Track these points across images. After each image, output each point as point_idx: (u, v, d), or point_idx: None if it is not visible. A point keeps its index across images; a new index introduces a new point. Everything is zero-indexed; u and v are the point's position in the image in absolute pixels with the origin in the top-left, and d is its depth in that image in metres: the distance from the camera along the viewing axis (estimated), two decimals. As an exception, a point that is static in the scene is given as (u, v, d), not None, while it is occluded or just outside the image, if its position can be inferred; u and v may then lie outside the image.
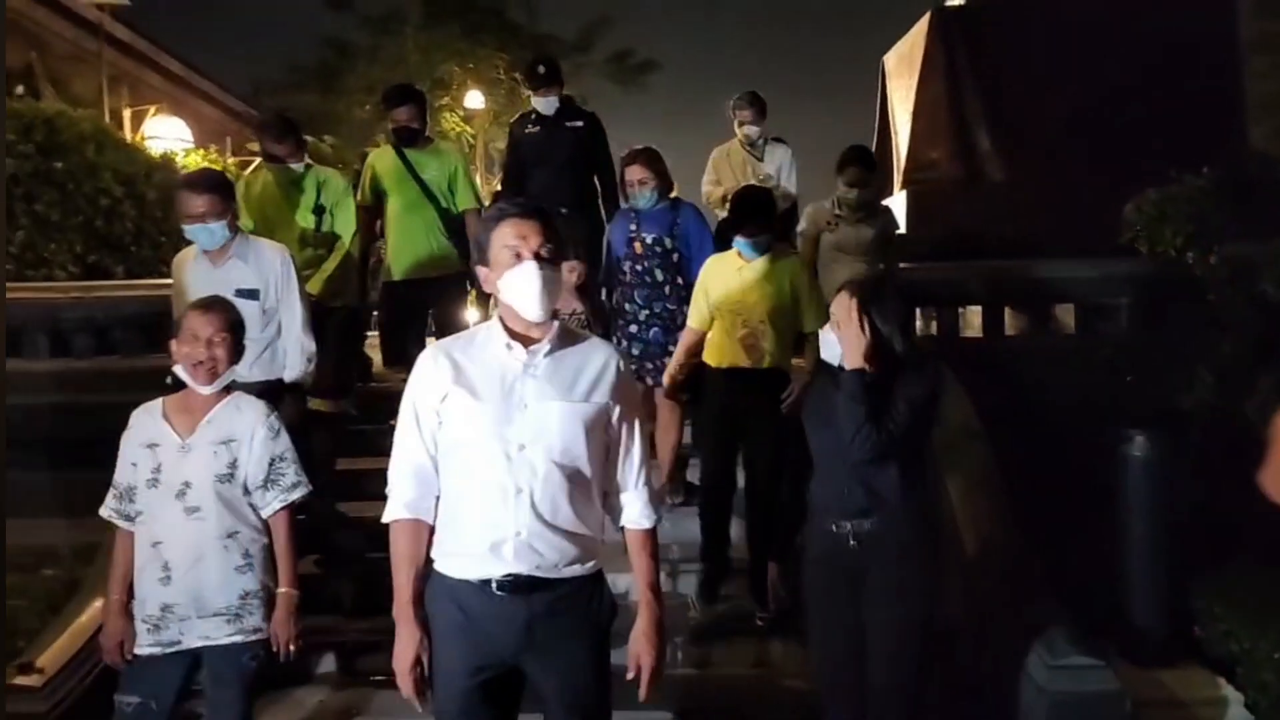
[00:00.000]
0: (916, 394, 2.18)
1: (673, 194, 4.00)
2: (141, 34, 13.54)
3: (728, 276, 3.32)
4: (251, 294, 3.09)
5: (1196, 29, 8.26)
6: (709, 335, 3.37)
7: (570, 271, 3.36)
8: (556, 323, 1.89)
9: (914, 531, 2.24)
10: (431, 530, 1.85)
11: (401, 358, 4.21)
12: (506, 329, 1.83)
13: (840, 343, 2.20)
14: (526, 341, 1.82)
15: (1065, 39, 8.04)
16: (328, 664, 3.20)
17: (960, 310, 4.69)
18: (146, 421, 2.38)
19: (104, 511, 2.39)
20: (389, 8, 18.27)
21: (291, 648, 2.36)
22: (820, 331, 2.39)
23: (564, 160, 4.45)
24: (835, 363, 2.26)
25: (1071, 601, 2.82)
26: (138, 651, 2.32)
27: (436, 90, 17.91)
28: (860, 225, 4.14)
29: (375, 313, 5.51)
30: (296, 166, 4.07)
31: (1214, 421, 3.31)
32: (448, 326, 4.24)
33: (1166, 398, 3.40)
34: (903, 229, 7.51)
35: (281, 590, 2.37)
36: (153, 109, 9.91)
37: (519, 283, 1.76)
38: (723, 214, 4.98)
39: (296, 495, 2.39)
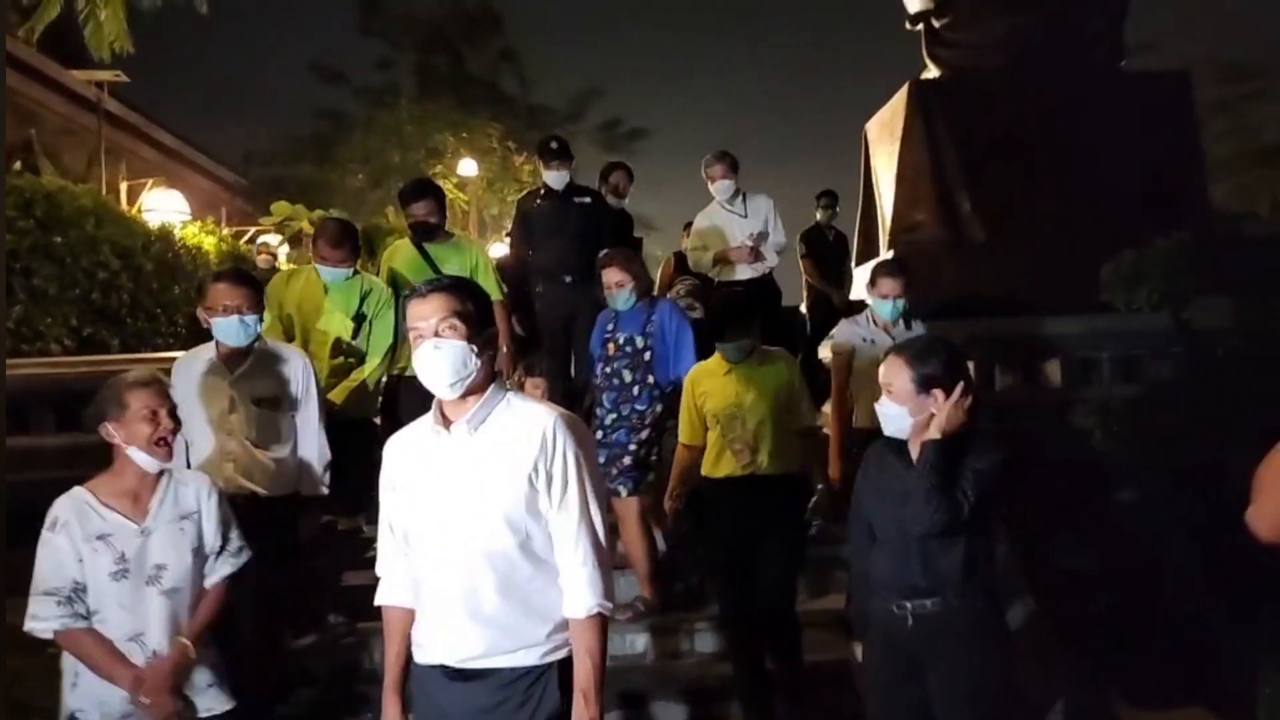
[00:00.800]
0: (986, 464, 2.07)
1: (653, 292, 4.02)
2: (134, 107, 13.87)
3: (716, 383, 3.28)
4: (273, 403, 3.03)
5: (1156, 95, 8.71)
6: (706, 448, 3.28)
7: (535, 389, 3.40)
8: (486, 393, 1.80)
9: (978, 613, 2.14)
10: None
11: None
12: (440, 411, 1.82)
13: (908, 413, 2.09)
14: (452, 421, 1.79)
15: (1034, 107, 8.43)
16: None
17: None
18: (84, 514, 2.26)
19: (43, 625, 2.19)
20: (384, 81, 18.86)
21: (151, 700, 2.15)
22: (877, 406, 2.25)
23: (573, 233, 4.63)
24: (899, 434, 2.17)
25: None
26: None
27: (430, 159, 18.41)
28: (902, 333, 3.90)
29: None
30: (345, 272, 3.98)
31: (1206, 470, 3.40)
32: None
33: (1155, 445, 3.51)
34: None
35: (181, 638, 2.25)
36: (150, 183, 10.11)
37: (421, 364, 1.76)
38: (716, 276, 5.12)
39: (242, 559, 2.38)
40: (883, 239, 9.06)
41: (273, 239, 7.50)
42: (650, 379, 3.62)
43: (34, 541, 2.27)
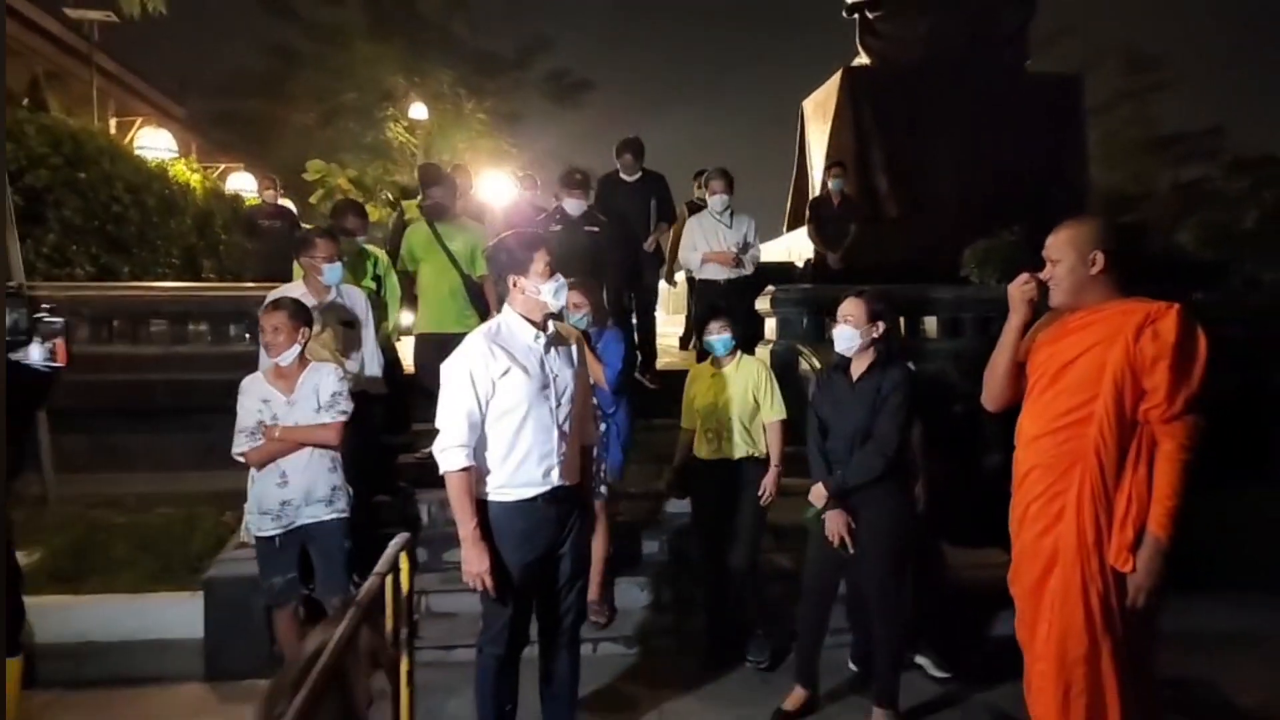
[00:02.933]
0: (902, 379, 3.18)
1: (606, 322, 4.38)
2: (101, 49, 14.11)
3: (704, 383, 3.90)
4: (349, 324, 4.15)
5: (1053, 94, 10.28)
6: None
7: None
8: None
9: (893, 477, 3.21)
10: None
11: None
12: (529, 321, 2.73)
13: (859, 335, 3.12)
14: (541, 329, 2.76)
15: (948, 100, 9.90)
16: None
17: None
18: (258, 386, 3.45)
19: (238, 449, 3.38)
20: (334, 18, 18.98)
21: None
22: (838, 331, 3.23)
23: (575, 259, 5.47)
24: (848, 352, 3.20)
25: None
26: (261, 534, 3.39)
27: (383, 101, 18.86)
28: None
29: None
30: (362, 240, 4.89)
31: None
32: None
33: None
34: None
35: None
36: (139, 121, 10.67)
37: (554, 288, 2.71)
38: (699, 276, 6.04)
39: (341, 412, 3.45)
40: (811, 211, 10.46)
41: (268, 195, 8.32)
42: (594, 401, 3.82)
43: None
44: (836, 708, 3.45)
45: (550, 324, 2.83)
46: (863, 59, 10.89)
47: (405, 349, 5.45)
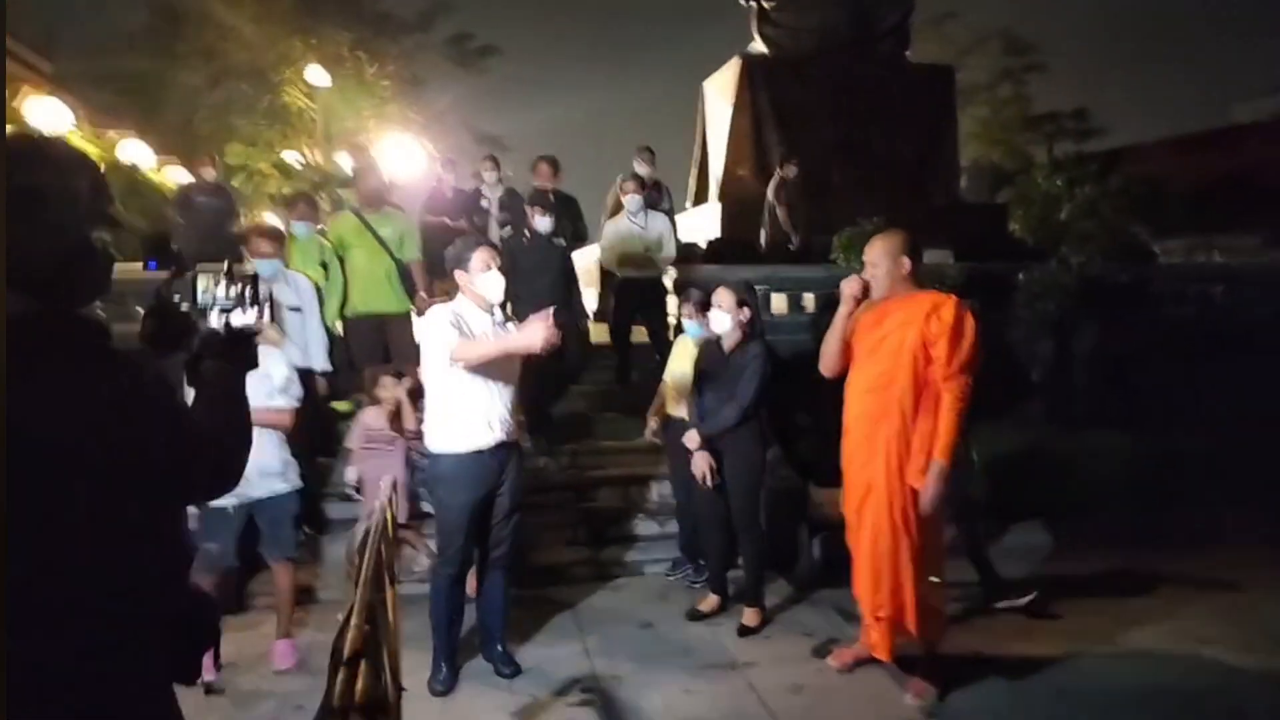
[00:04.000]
0: (760, 352, 4.11)
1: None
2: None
3: (681, 358, 4.64)
4: (295, 308, 4.82)
5: (927, 84, 11.50)
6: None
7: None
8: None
9: (750, 428, 4.15)
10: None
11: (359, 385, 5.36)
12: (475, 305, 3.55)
13: (730, 319, 4.02)
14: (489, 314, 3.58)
15: (836, 88, 10.97)
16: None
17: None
18: None
19: None
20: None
21: None
22: (712, 314, 4.15)
23: (550, 271, 5.81)
24: (722, 332, 4.11)
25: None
26: (214, 505, 3.65)
27: (280, 65, 18.67)
28: None
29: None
30: (311, 228, 5.62)
31: None
32: (402, 353, 5.36)
33: None
34: (719, 233, 10.20)
35: None
36: (23, 89, 10.53)
37: (489, 282, 3.50)
38: (619, 274, 6.60)
39: (296, 393, 3.92)
40: (713, 189, 11.43)
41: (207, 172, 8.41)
42: None
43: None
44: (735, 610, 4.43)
45: (496, 310, 3.62)
46: (758, 46, 11.82)
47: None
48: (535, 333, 3.24)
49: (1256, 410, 6.15)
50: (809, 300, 7.15)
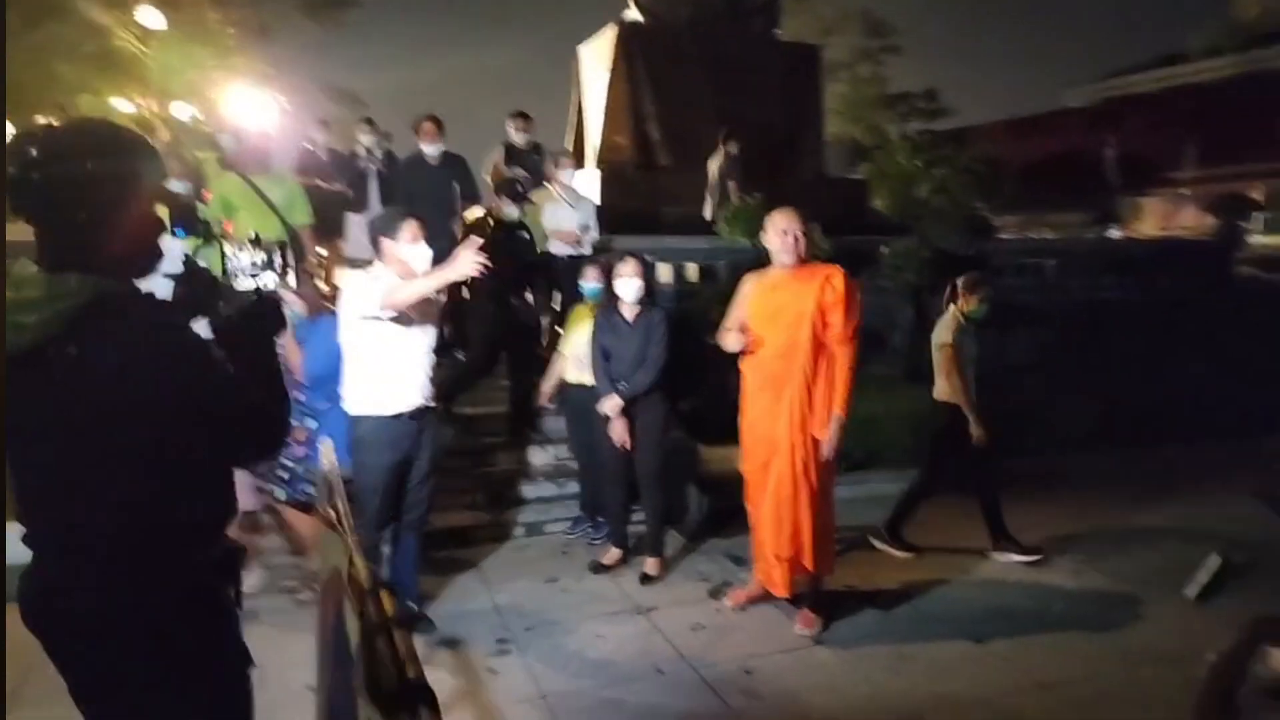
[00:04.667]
0: (663, 317, 4.41)
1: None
2: None
3: (581, 329, 4.86)
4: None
5: (794, 62, 12.10)
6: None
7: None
8: None
9: (658, 390, 4.44)
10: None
11: None
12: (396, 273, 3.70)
13: (634, 289, 4.30)
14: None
15: (709, 59, 11.37)
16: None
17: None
18: None
19: None
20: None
21: None
22: (621, 282, 4.39)
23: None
24: (629, 299, 4.35)
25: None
26: None
27: (108, 7, 17.18)
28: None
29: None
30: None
31: None
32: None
33: None
34: (598, 201, 10.40)
35: None
36: None
37: (416, 253, 3.66)
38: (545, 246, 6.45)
39: None
40: (590, 156, 11.63)
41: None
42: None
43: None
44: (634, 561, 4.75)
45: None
46: (633, 13, 12.03)
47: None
48: (465, 261, 3.32)
49: (1084, 367, 7.09)
50: (691, 270, 7.54)
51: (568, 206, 6.63)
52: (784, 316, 3.75)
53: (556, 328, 5.48)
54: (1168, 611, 4.10)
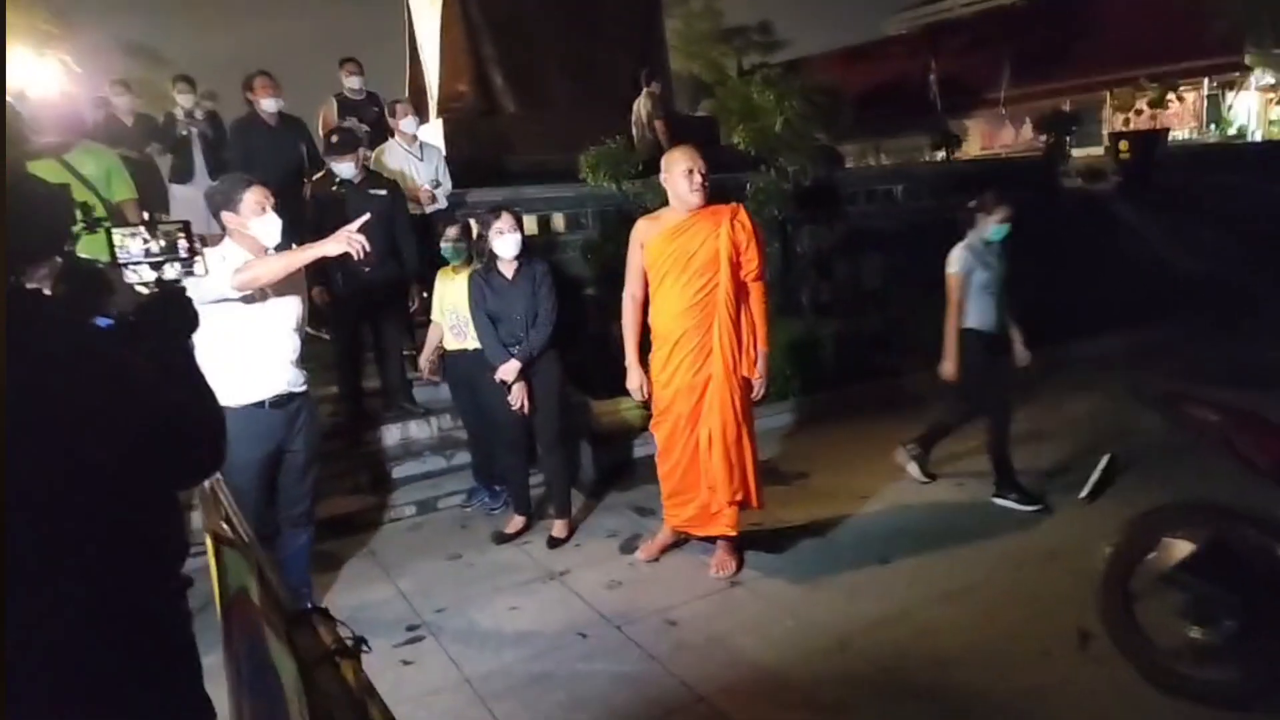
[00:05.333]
0: (547, 269, 4.22)
1: None
2: None
3: (452, 293, 4.60)
4: None
5: None
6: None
7: None
8: None
9: (552, 350, 4.27)
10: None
11: None
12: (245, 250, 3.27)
13: (513, 245, 4.06)
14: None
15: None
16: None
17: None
18: None
19: None
20: None
21: None
22: (499, 240, 4.11)
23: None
24: (512, 257, 4.10)
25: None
26: None
27: None
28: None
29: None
30: None
31: None
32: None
33: (607, 262, 6.52)
34: (443, 151, 9.89)
35: None
36: None
37: (266, 226, 3.25)
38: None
39: None
40: (431, 107, 11.03)
41: None
42: None
43: None
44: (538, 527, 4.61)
45: (271, 253, 3.38)
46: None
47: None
48: (337, 240, 3.05)
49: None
50: (559, 220, 7.32)
51: (414, 160, 6.12)
52: (696, 262, 3.65)
53: (423, 293, 5.10)
54: (1062, 514, 4.35)
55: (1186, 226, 9.04)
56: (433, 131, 10.38)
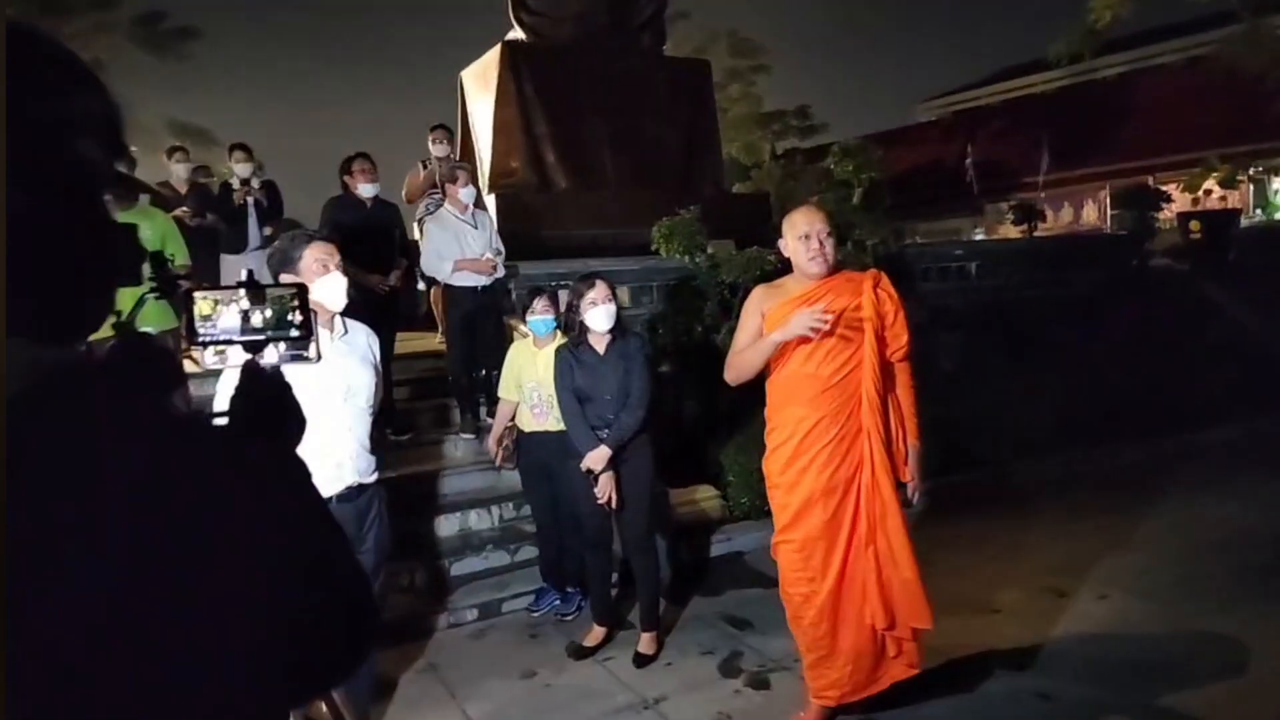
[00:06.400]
0: (641, 344, 3.73)
1: None
2: None
3: (529, 367, 4.16)
4: None
5: (685, 77, 11.71)
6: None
7: None
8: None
9: (647, 430, 3.71)
10: None
11: None
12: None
13: (607, 318, 3.58)
14: (327, 328, 2.80)
15: (599, 77, 10.81)
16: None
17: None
18: None
19: None
20: None
21: None
22: (593, 312, 3.62)
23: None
24: (605, 330, 3.60)
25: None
26: None
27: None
28: None
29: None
30: None
31: (704, 350, 5.97)
32: None
33: (679, 338, 6.00)
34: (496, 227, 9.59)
35: None
36: None
37: (330, 287, 2.80)
38: (452, 284, 5.42)
39: None
40: (483, 182, 10.79)
41: None
42: None
43: None
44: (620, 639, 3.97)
45: (338, 322, 2.88)
46: (518, 33, 11.35)
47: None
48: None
49: (1025, 370, 6.84)
50: (623, 295, 6.84)
51: (468, 228, 5.60)
52: (834, 336, 2.95)
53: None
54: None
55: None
56: (487, 206, 10.14)
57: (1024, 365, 6.80)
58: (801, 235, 3.01)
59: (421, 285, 8.07)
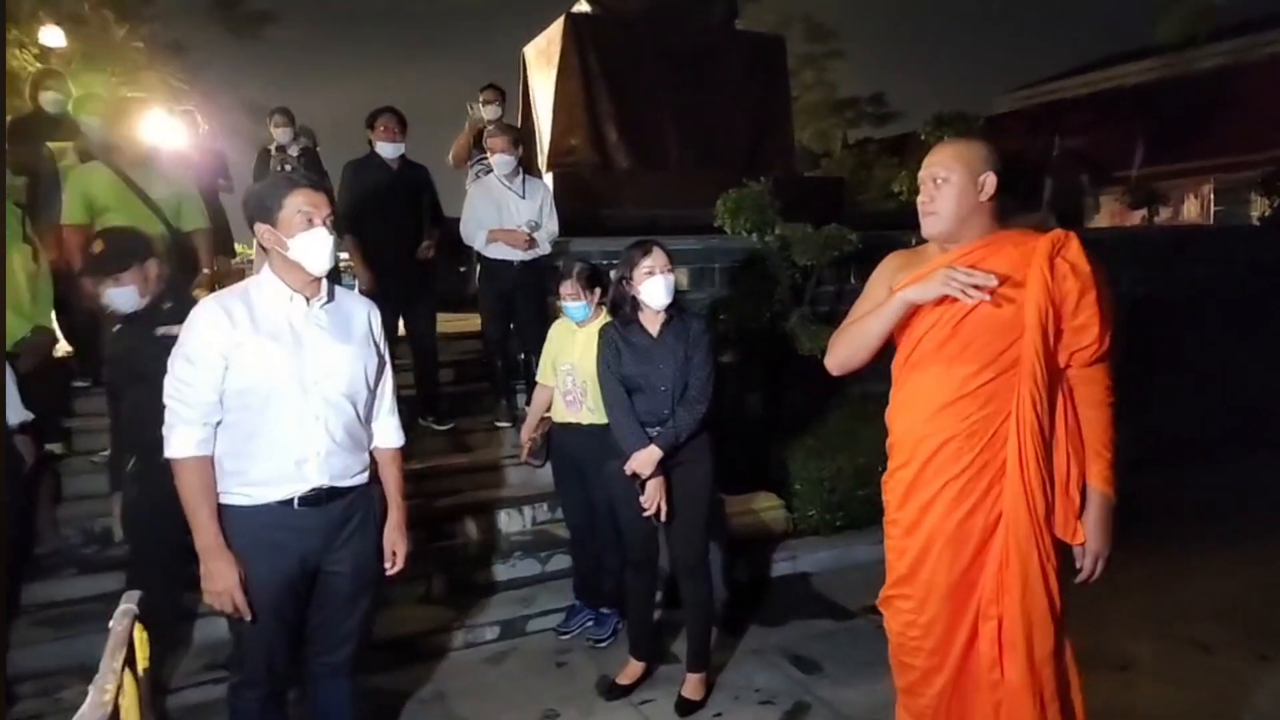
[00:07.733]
0: (704, 328, 2.96)
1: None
2: None
3: (568, 351, 3.52)
4: None
5: (758, 53, 10.88)
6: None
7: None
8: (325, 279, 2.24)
9: (707, 430, 2.99)
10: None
11: None
12: (285, 283, 2.17)
13: (665, 292, 2.86)
14: (305, 294, 2.18)
15: (667, 52, 10.09)
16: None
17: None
18: None
19: None
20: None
21: None
22: (649, 284, 2.91)
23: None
24: (665, 304, 2.91)
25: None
26: None
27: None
28: None
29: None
30: None
31: (770, 339, 5.22)
32: None
33: (744, 325, 5.26)
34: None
35: None
36: None
37: (311, 244, 2.14)
38: (486, 255, 4.83)
39: None
40: (542, 160, 10.20)
41: None
42: None
43: None
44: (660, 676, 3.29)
45: (324, 287, 2.27)
46: (584, 6, 10.71)
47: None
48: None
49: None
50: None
51: (513, 195, 4.79)
52: (974, 325, 1.95)
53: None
54: None
55: None
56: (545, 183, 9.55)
57: (1177, 361, 5.86)
58: (920, 183, 2.05)
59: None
